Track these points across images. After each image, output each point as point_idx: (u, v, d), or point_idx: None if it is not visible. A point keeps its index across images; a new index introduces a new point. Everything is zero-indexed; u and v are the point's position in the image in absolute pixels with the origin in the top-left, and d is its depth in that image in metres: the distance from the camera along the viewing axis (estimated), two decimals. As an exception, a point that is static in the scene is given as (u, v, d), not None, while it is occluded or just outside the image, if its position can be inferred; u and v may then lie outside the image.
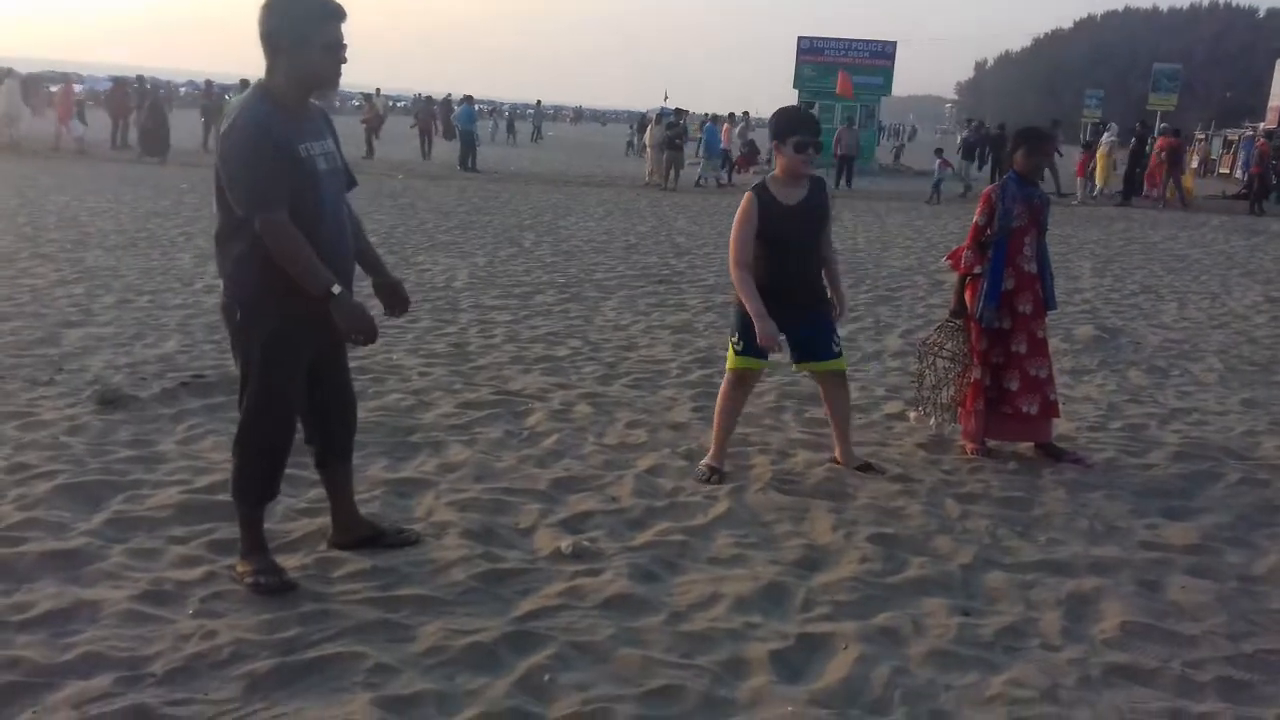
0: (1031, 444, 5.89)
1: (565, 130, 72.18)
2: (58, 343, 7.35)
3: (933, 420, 5.98)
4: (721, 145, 27.01)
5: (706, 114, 34.14)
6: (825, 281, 5.42)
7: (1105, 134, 27.42)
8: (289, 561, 4.06)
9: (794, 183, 5.20)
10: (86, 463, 5.02)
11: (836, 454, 5.61)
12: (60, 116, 26.56)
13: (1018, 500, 5.19)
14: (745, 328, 5.19)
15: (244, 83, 22.62)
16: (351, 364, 4.05)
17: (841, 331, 5.53)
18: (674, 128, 25.98)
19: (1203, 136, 47.29)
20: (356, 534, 4.25)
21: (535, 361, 7.55)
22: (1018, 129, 6.12)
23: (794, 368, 5.66)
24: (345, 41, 3.68)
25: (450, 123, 31.91)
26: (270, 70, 3.66)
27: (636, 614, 3.83)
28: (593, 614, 3.81)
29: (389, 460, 5.30)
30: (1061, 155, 26.34)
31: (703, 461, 5.43)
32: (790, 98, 32.84)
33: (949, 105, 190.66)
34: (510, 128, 47.63)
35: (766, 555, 4.41)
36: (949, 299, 6.19)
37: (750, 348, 5.22)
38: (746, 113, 35.52)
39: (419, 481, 5.03)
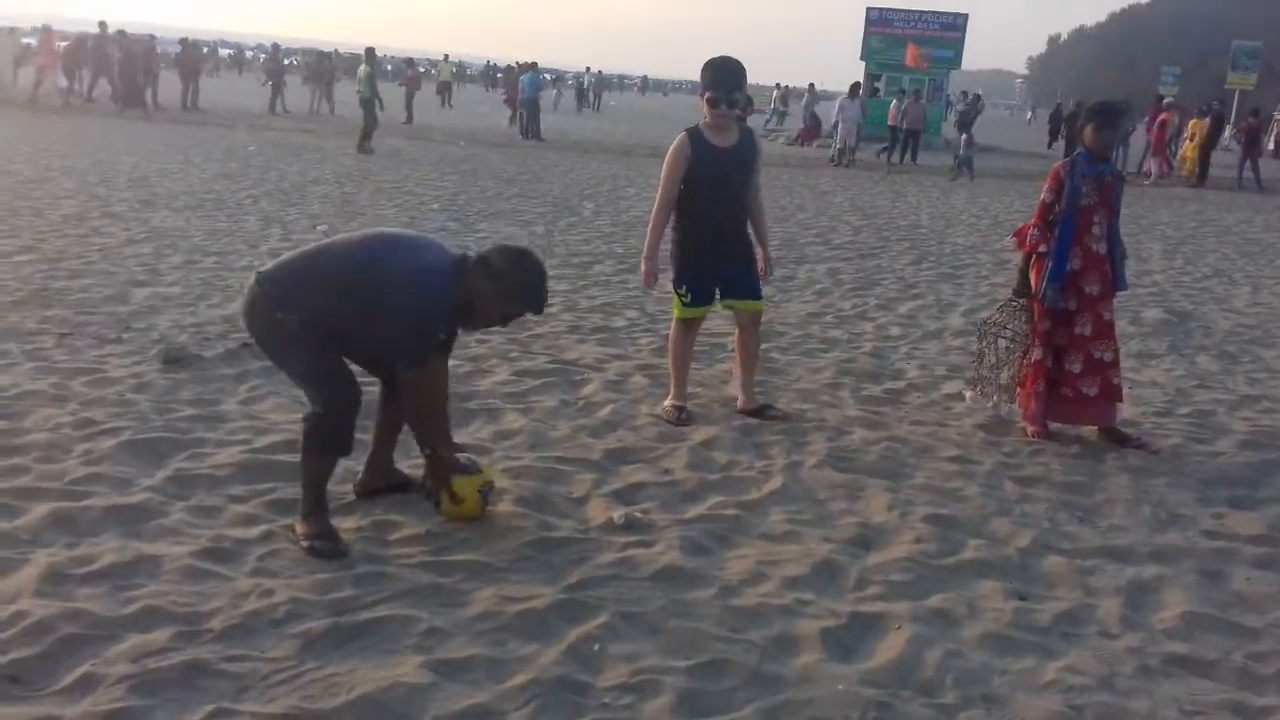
0: (1095, 428, 5.78)
1: (631, 100, 71.97)
2: (126, 301, 7.49)
3: (991, 401, 5.90)
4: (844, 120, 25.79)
5: (811, 86, 33.76)
6: (751, 233, 5.73)
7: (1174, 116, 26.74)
8: (345, 523, 4.11)
9: (724, 130, 5.50)
10: (151, 420, 5.11)
11: (740, 401, 5.85)
12: (40, 68, 26.38)
13: (1079, 485, 5.10)
14: (688, 280, 5.60)
15: (369, 51, 22.64)
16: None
17: (903, 309, 5.45)
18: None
19: (1282, 116, 45.89)
20: (390, 480, 4.44)
21: (592, 331, 7.55)
22: (1088, 105, 5.97)
23: (719, 305, 5.84)
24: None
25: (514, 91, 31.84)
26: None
27: (687, 587, 3.82)
28: (643, 585, 3.81)
29: (445, 426, 5.33)
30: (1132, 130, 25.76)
31: (666, 403, 5.75)
32: (858, 70, 32.45)
33: (1019, 80, 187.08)
34: (580, 96, 47.39)
35: (820, 532, 4.38)
36: (1013, 278, 6.09)
37: (697, 298, 5.62)
38: (812, 85, 35.16)
39: (474, 448, 5.04)
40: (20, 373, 5.66)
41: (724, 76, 5.43)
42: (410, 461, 4.75)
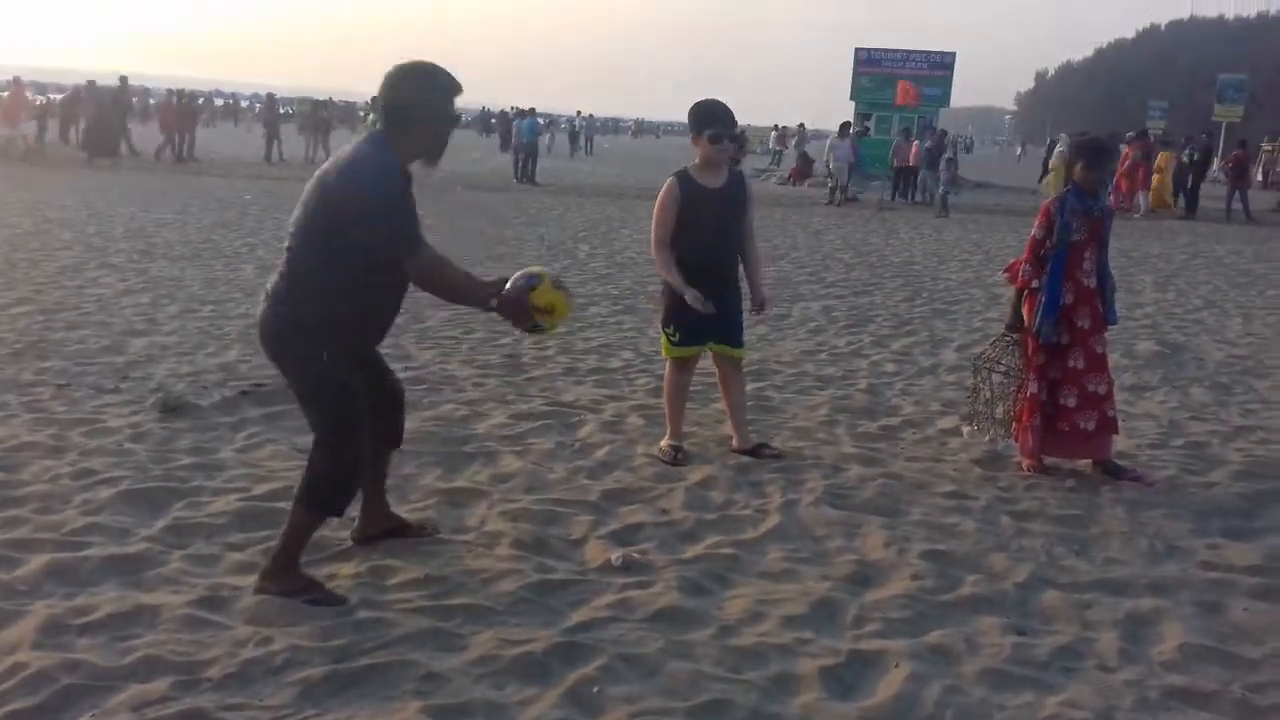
0: (1090, 461, 5.80)
1: (625, 143, 72.52)
2: (123, 351, 7.51)
3: (987, 436, 5.92)
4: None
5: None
6: (745, 273, 5.76)
7: (1058, 146, 27.10)
8: (343, 570, 4.12)
9: (714, 170, 5.57)
10: (149, 469, 5.12)
11: (734, 441, 5.85)
12: (8, 119, 26.51)
13: (1075, 518, 5.11)
14: (676, 319, 5.61)
15: (375, 100, 22.53)
16: (406, 374, 4.14)
17: (897, 346, 5.48)
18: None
19: (1270, 148, 46.31)
20: (385, 525, 4.41)
21: (588, 373, 7.58)
22: (1077, 141, 6.04)
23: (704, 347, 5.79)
24: None
25: (505, 135, 32.15)
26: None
27: (686, 627, 3.82)
28: (642, 627, 3.81)
29: (442, 470, 5.35)
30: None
31: (663, 443, 5.77)
32: (848, 110, 32.73)
33: (1008, 116, 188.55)
34: (573, 139, 47.71)
35: (818, 570, 4.38)
36: (1006, 313, 6.13)
37: (686, 338, 5.63)
38: (802, 125, 35.49)
39: (472, 491, 5.07)
40: (18, 424, 5.67)
41: (720, 113, 5.52)
42: (407, 506, 4.77)
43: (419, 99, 3.79)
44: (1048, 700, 3.45)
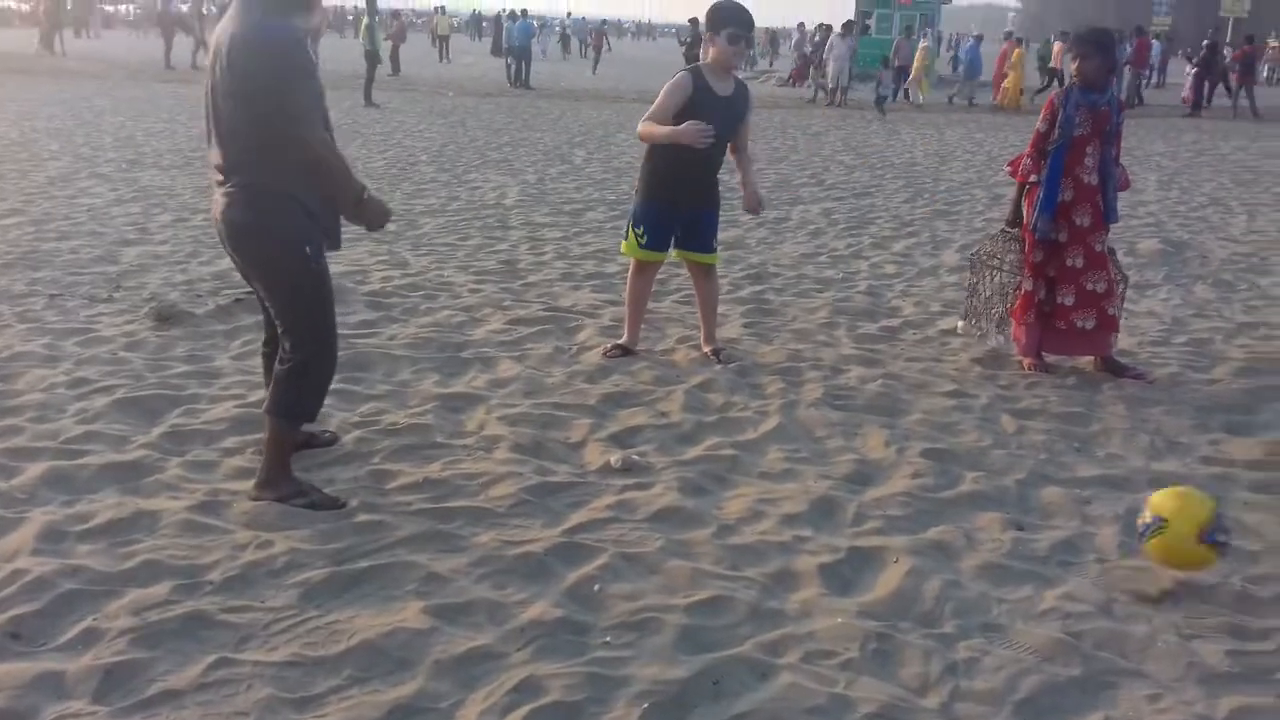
0: (1091, 359, 5.77)
1: (624, 45, 71.30)
2: (116, 261, 7.44)
3: (979, 333, 5.88)
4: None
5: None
6: (740, 178, 5.66)
7: (921, 40, 27.17)
8: (343, 474, 4.11)
9: (724, 75, 5.37)
10: (145, 377, 5.09)
11: (701, 340, 5.84)
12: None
13: (1076, 415, 5.09)
14: (648, 220, 5.49)
15: (370, 1, 22.92)
16: (404, 281, 4.06)
17: (898, 247, 5.40)
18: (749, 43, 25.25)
19: (1277, 43, 45.48)
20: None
21: (585, 278, 7.51)
22: (1076, 32, 5.87)
23: (673, 254, 5.71)
24: None
25: (498, 39, 31.57)
26: None
27: (685, 527, 3.82)
28: (642, 526, 3.81)
29: (440, 375, 5.32)
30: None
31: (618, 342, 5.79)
32: (848, 8, 32.06)
33: (1012, 14, 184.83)
34: (565, 43, 46.92)
35: (817, 470, 4.37)
36: (1007, 209, 6.04)
37: (652, 242, 5.53)
38: (802, 24, 34.82)
39: (470, 396, 5.04)
40: (12, 334, 5.63)
41: (741, 14, 5.30)
42: (405, 412, 4.74)
43: None
44: (1047, 593, 3.46)
